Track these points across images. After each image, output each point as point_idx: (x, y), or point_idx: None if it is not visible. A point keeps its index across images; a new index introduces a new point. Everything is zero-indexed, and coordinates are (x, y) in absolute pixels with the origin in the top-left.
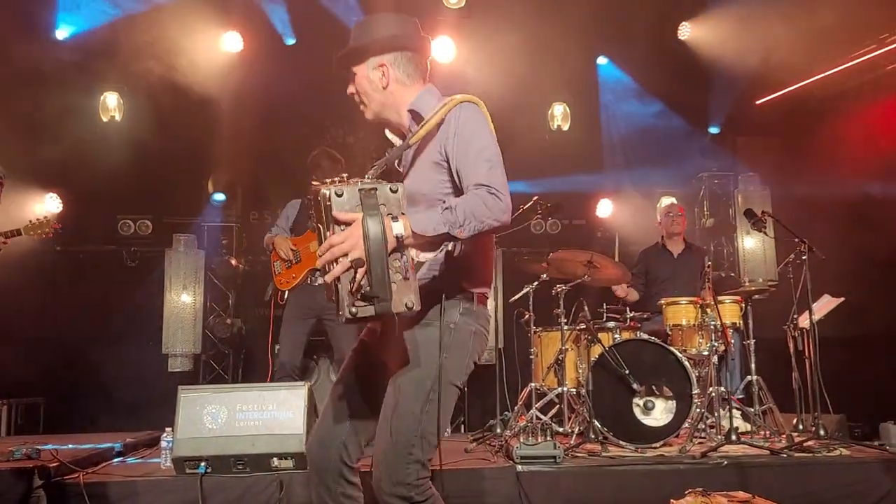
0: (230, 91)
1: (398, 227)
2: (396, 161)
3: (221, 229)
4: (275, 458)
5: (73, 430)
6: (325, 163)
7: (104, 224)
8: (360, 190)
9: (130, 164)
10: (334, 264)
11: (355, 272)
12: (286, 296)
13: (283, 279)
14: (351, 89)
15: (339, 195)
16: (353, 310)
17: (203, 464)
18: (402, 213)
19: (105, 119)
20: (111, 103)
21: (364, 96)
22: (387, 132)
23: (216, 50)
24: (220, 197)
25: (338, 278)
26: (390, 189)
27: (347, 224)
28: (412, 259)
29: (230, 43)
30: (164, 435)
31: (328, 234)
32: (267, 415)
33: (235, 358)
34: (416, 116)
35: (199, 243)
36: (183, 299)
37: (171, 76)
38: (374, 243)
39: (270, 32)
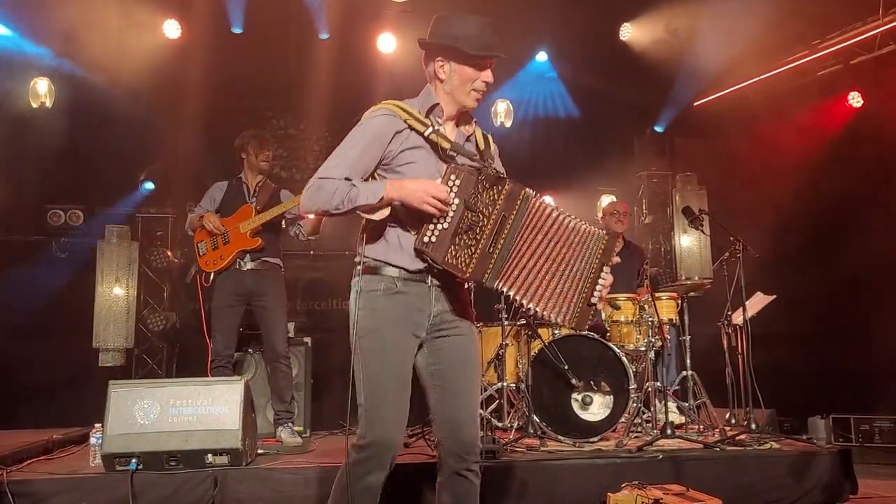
0: (168, 79)
1: None
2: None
3: (156, 220)
4: (209, 455)
5: None
6: (253, 141)
7: (32, 214)
8: None
9: (61, 153)
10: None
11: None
12: (211, 277)
13: (208, 260)
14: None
15: None
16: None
17: (134, 460)
18: None
19: (35, 105)
20: (41, 89)
21: None
22: (446, 119)
23: (154, 37)
24: (149, 185)
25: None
26: None
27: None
28: None
29: (169, 30)
30: (94, 431)
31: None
32: (202, 410)
33: (170, 352)
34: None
35: (133, 234)
36: (115, 292)
37: (105, 62)
38: None
39: (214, 20)
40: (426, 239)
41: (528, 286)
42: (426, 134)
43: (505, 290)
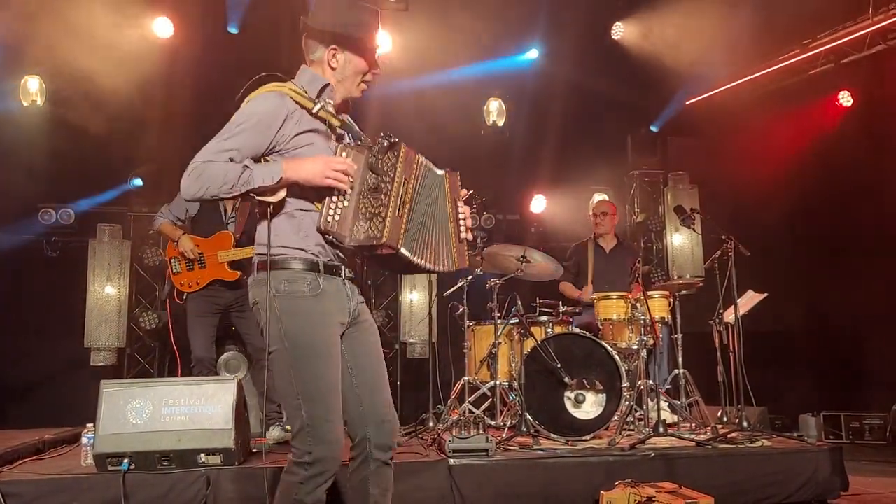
0: (161, 77)
1: None
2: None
3: (148, 219)
4: (202, 454)
5: None
6: None
7: (23, 213)
8: None
9: (53, 151)
10: None
11: None
12: (185, 296)
13: (183, 281)
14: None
15: None
16: None
17: (126, 460)
18: None
19: (26, 103)
20: (32, 87)
21: None
22: (329, 107)
23: (146, 35)
24: (137, 182)
25: None
26: None
27: None
28: None
29: (161, 28)
30: (85, 431)
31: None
32: (194, 409)
33: (162, 352)
34: None
35: (125, 234)
36: (107, 291)
37: (96, 60)
38: None
39: (207, 19)
40: (329, 218)
41: (426, 247)
42: (314, 110)
43: (414, 258)
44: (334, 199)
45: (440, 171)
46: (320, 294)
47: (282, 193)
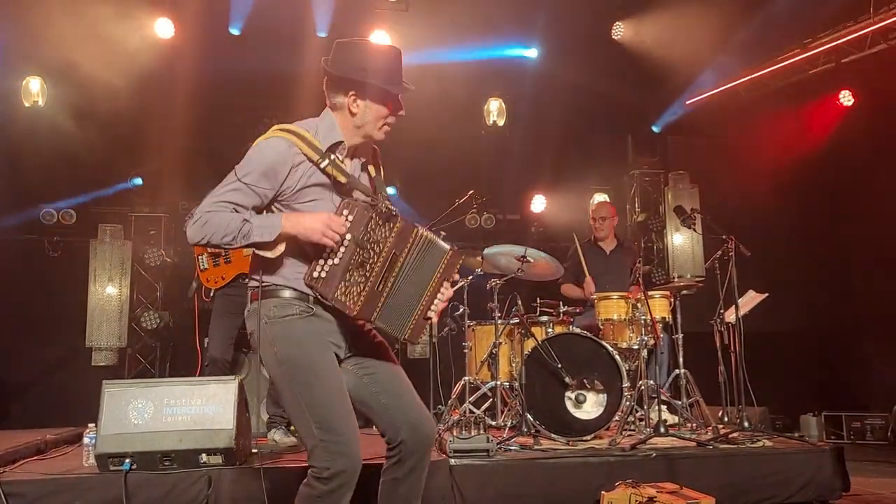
0: (161, 78)
1: None
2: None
3: (149, 219)
4: (203, 454)
5: None
6: None
7: (25, 213)
8: None
9: (55, 152)
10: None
11: None
12: (212, 293)
13: (209, 277)
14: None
15: None
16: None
17: (128, 460)
18: None
19: (27, 104)
20: (34, 88)
21: None
22: (346, 147)
23: (147, 35)
24: (137, 181)
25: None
26: None
27: None
28: None
29: (162, 29)
30: (87, 431)
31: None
32: (196, 409)
33: (163, 352)
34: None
35: (126, 234)
36: (108, 291)
37: (97, 60)
38: None
39: (209, 19)
40: (315, 274)
41: (403, 318)
42: (322, 166)
43: (383, 326)
44: (324, 256)
45: (445, 246)
46: (311, 316)
47: (280, 248)
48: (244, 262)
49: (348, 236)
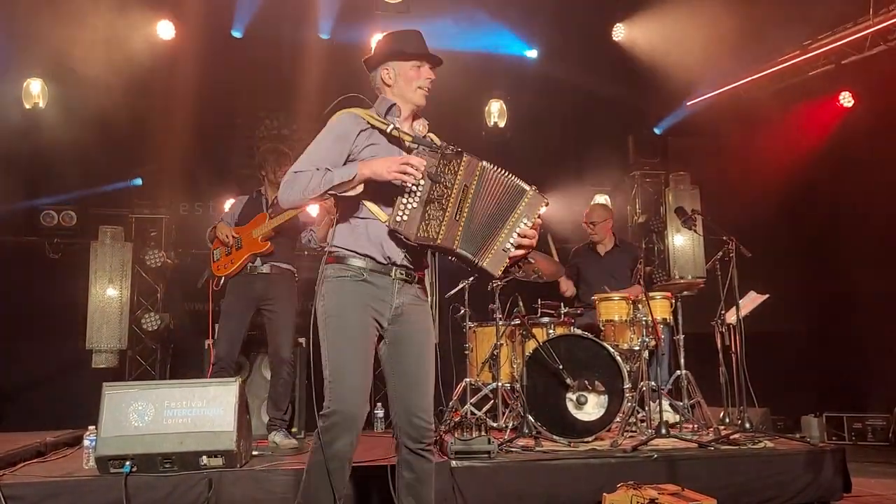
0: (162, 80)
1: None
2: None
3: (150, 221)
4: (204, 457)
5: None
6: (271, 157)
7: (25, 214)
8: None
9: (55, 153)
10: None
11: None
12: (222, 282)
13: (220, 265)
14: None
15: None
16: None
17: (128, 463)
18: None
19: (28, 106)
20: (35, 90)
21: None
22: (403, 119)
23: (148, 37)
24: (137, 181)
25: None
26: None
27: None
28: None
29: (163, 31)
30: (87, 434)
31: None
32: (196, 412)
33: (164, 354)
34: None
35: (127, 235)
36: (109, 293)
37: (98, 62)
38: None
39: (210, 21)
40: (398, 218)
41: (480, 243)
42: (388, 131)
43: (468, 255)
44: (403, 200)
45: (525, 186)
46: (361, 281)
47: (359, 188)
48: (253, 243)
49: (422, 180)
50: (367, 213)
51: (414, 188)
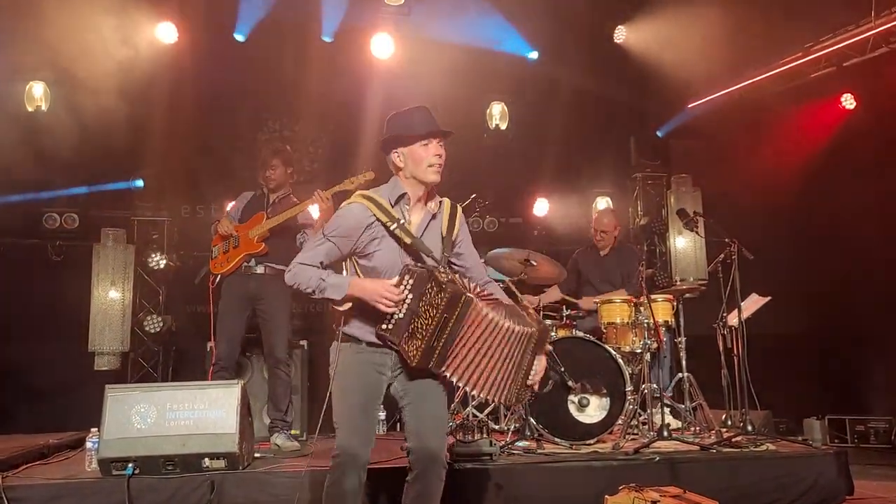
0: (164, 83)
1: None
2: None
3: (152, 223)
4: (206, 459)
5: None
6: (274, 161)
7: (28, 217)
8: None
9: (57, 156)
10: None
11: None
12: (218, 280)
13: (217, 263)
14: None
15: None
16: None
17: (131, 465)
18: None
19: (31, 109)
20: (37, 92)
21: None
22: (415, 202)
23: (150, 40)
24: (139, 183)
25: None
26: None
27: None
28: None
29: (165, 33)
30: (90, 436)
31: None
32: (198, 414)
33: (166, 356)
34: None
35: (129, 238)
36: (111, 296)
37: (101, 65)
38: None
39: (212, 24)
40: (384, 326)
41: (470, 376)
42: (392, 229)
43: (448, 375)
44: (391, 313)
45: (525, 330)
46: (360, 354)
47: (348, 305)
48: (249, 243)
49: (410, 296)
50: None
51: (398, 310)
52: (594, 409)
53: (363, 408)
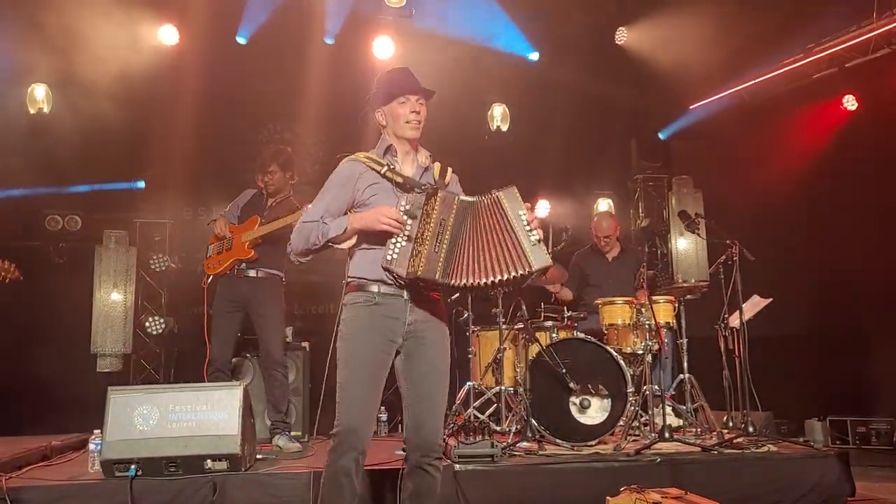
0: (166, 86)
1: None
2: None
3: (154, 226)
4: (208, 460)
5: None
6: (272, 167)
7: (30, 219)
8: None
9: (59, 158)
10: None
11: None
12: (209, 280)
13: (211, 263)
14: (424, 113)
15: None
16: None
17: (133, 467)
18: None
19: (33, 111)
20: (39, 95)
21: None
22: (404, 154)
23: (152, 42)
24: (141, 185)
25: None
26: None
27: None
28: None
29: (167, 36)
30: (93, 438)
31: None
32: (201, 415)
33: (168, 357)
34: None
35: (131, 240)
36: (113, 297)
37: (103, 68)
38: None
39: (213, 27)
40: (388, 257)
41: (476, 269)
42: (382, 172)
43: (453, 282)
44: (393, 240)
45: (495, 193)
46: (373, 306)
47: (351, 241)
48: (240, 248)
49: (409, 220)
50: (371, 244)
51: (400, 231)
52: (595, 411)
53: (370, 380)
